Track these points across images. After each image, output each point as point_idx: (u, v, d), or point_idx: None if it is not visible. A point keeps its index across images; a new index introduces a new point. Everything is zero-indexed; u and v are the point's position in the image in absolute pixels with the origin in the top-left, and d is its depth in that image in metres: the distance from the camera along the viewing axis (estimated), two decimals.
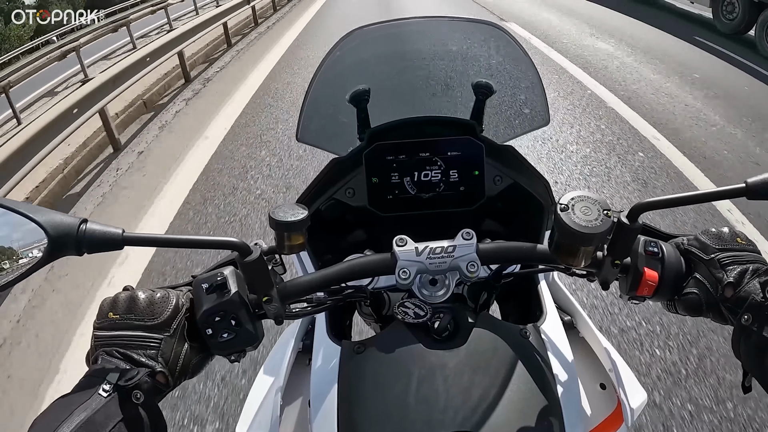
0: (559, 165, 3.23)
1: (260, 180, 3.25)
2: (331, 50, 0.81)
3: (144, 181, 3.50)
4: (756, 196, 0.46)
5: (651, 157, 3.34)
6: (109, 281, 2.42)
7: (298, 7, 10.54)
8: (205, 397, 1.71)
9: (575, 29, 7.05)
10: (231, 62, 6.60)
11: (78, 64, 6.20)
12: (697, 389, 1.66)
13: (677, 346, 1.83)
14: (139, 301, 0.50)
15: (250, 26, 8.68)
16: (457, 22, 0.91)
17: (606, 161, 3.27)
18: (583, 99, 4.39)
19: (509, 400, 0.52)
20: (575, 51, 5.90)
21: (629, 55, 5.77)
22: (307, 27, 8.36)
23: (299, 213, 0.52)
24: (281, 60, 6.33)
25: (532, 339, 0.59)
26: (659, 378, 1.70)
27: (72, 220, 0.45)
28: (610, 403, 0.69)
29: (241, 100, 4.92)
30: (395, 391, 0.53)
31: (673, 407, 1.58)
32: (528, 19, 7.68)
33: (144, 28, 9.50)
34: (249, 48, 7.33)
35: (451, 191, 0.80)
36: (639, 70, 5.24)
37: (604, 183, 3.01)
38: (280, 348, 0.78)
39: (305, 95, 0.83)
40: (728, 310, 0.50)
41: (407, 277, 0.56)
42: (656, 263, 0.54)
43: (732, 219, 2.62)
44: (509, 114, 0.89)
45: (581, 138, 3.61)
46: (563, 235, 0.48)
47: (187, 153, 3.81)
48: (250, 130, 4.14)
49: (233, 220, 2.83)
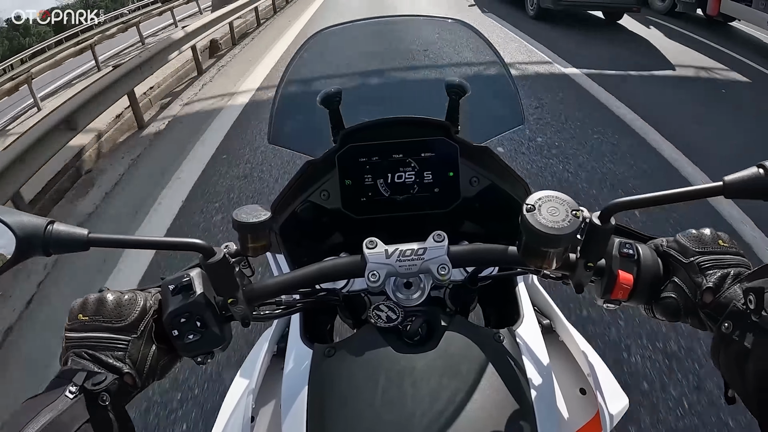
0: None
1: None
2: (297, 51, 0.81)
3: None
4: (733, 195, 0.45)
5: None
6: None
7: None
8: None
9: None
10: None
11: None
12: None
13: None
14: (107, 303, 0.50)
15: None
16: (427, 21, 0.90)
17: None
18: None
19: (479, 406, 0.51)
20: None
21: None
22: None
23: (262, 214, 0.52)
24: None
25: (506, 343, 0.59)
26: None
27: (39, 221, 0.45)
28: (590, 409, 0.68)
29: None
30: (364, 395, 0.53)
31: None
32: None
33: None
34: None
35: (425, 193, 0.79)
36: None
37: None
38: (256, 351, 0.78)
39: (274, 97, 0.83)
40: (707, 316, 0.48)
41: (377, 280, 0.55)
42: (631, 265, 0.52)
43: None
44: (484, 114, 0.88)
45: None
46: (530, 236, 0.47)
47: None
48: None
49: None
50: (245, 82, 5.26)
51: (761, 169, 0.44)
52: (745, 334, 0.42)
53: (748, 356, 0.41)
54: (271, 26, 8.68)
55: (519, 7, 7.79)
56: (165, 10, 12.14)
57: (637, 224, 2.48)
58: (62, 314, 0.49)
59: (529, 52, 5.67)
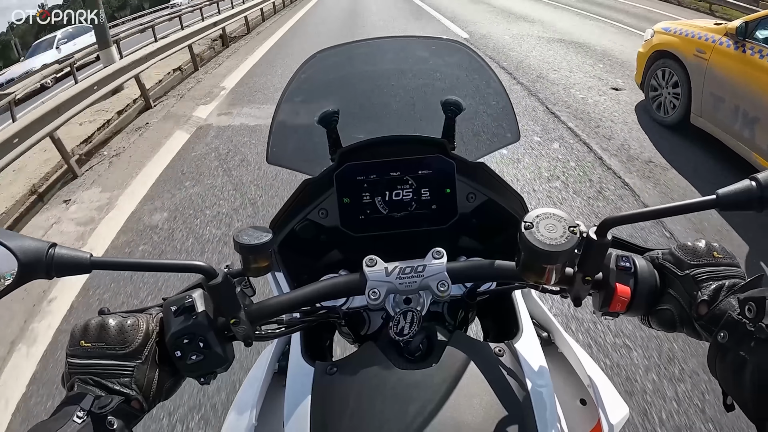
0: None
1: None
2: (296, 72, 0.81)
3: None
4: (727, 207, 0.46)
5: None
6: None
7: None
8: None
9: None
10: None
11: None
12: None
13: None
14: (110, 329, 0.50)
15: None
16: (423, 41, 0.91)
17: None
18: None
19: (482, 420, 0.51)
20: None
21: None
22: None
23: (263, 236, 0.52)
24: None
25: (506, 357, 0.59)
26: None
27: (40, 245, 0.46)
28: (591, 419, 0.69)
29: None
30: (367, 412, 0.53)
31: None
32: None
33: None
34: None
35: (423, 210, 0.80)
36: None
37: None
38: (257, 369, 0.78)
39: (273, 117, 0.83)
40: (702, 327, 0.49)
41: (377, 297, 0.56)
42: (628, 278, 0.53)
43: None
44: (479, 131, 0.89)
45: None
46: (528, 253, 0.48)
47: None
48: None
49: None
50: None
51: (753, 181, 0.45)
52: (741, 344, 0.43)
53: (744, 365, 0.42)
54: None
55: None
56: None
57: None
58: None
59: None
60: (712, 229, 2.61)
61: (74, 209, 3.52)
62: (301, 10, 14.42)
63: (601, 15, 9.66)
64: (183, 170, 3.85)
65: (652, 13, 9.91)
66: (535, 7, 10.97)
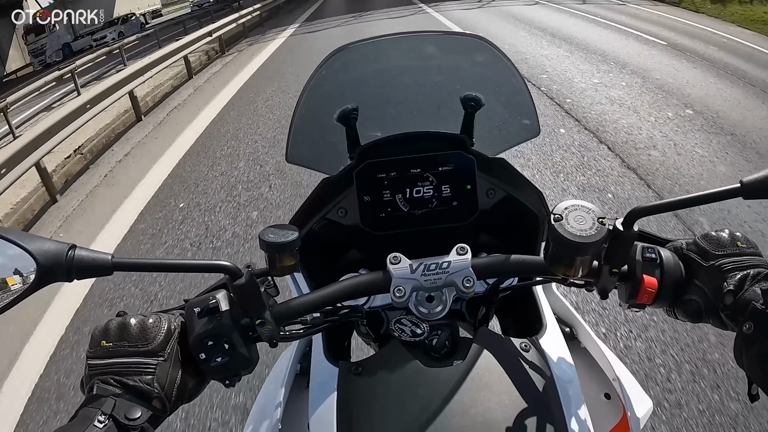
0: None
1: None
2: (316, 69, 0.80)
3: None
4: (752, 196, 0.45)
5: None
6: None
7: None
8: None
9: None
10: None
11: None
12: None
13: None
14: (131, 327, 0.49)
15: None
16: (443, 36, 0.89)
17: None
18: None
19: (512, 416, 0.51)
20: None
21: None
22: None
23: (290, 234, 0.51)
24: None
25: (532, 352, 0.59)
26: None
27: (60, 246, 0.45)
28: (616, 413, 0.69)
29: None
30: (395, 411, 0.52)
31: None
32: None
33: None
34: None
35: (444, 206, 0.79)
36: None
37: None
38: (278, 370, 0.77)
39: (293, 115, 0.82)
40: (728, 317, 0.49)
41: (402, 295, 0.55)
42: (655, 269, 0.53)
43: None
44: (499, 126, 0.87)
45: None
46: (558, 245, 0.48)
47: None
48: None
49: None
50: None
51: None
52: (766, 333, 0.43)
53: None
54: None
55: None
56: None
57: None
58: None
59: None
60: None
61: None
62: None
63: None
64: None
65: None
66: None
